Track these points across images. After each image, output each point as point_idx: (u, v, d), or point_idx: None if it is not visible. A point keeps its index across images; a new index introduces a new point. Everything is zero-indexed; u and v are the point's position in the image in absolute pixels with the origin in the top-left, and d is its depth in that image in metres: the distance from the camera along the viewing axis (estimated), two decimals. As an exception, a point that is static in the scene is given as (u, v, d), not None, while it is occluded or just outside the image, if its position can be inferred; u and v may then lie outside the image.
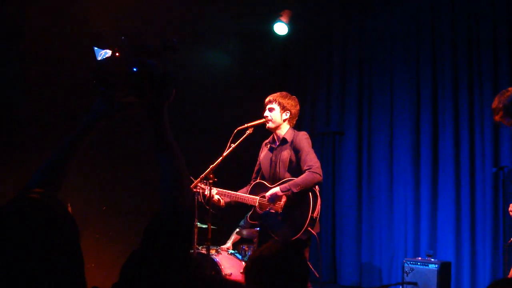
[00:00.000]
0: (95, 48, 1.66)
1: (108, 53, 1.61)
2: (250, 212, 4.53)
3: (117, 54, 1.54)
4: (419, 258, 5.68)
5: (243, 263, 4.89)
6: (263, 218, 4.40)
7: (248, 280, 2.20)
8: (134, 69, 1.50)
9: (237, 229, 5.82)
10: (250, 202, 4.47)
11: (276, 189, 4.25)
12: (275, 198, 4.25)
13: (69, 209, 5.09)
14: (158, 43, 1.57)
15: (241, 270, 4.63)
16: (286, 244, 2.29)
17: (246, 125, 4.42)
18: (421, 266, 5.44)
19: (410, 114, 6.56)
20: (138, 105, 1.60)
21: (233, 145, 4.32)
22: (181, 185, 1.56)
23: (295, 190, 4.17)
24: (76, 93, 5.07)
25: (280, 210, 4.24)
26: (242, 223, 5.88)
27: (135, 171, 6.01)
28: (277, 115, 4.46)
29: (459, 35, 6.20)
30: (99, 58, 1.63)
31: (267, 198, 4.28)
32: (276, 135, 4.55)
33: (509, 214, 4.17)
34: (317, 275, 4.73)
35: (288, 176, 4.36)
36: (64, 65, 5.23)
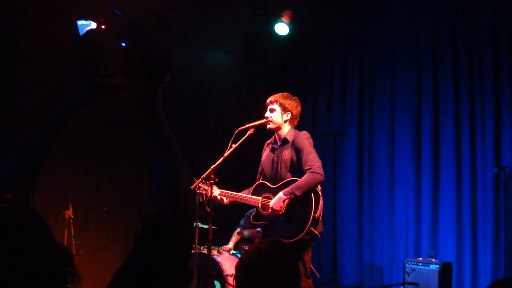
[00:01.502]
0: (78, 22, 1.37)
1: (92, 25, 1.36)
2: (253, 213, 4.53)
3: (102, 26, 1.31)
4: (420, 258, 5.68)
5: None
6: (266, 218, 4.39)
7: (238, 281, 2.17)
8: (123, 44, 1.28)
9: (238, 229, 5.82)
10: (253, 203, 4.46)
11: (279, 195, 4.24)
12: (279, 203, 4.24)
13: (70, 209, 5.02)
14: (152, 18, 1.34)
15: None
16: (273, 245, 2.23)
17: (247, 125, 4.41)
18: (422, 267, 5.44)
19: (411, 115, 6.56)
20: (127, 88, 1.35)
21: (234, 146, 4.31)
22: (178, 185, 1.31)
23: (298, 193, 4.17)
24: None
25: (282, 211, 4.24)
26: (242, 222, 5.88)
27: (136, 171, 6.01)
28: (278, 116, 4.45)
29: (460, 36, 6.20)
30: (82, 33, 1.37)
31: (271, 208, 4.27)
32: (278, 135, 4.54)
33: (510, 214, 4.17)
34: (318, 276, 4.72)
35: (289, 177, 4.36)
36: (64, 65, 5.23)
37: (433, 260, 5.49)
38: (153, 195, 1.30)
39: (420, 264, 5.47)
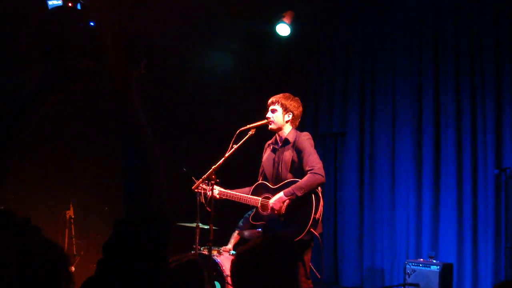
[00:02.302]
0: (49, 2, 1.20)
1: (58, 3, 1.19)
2: (252, 213, 4.52)
3: (69, 4, 1.16)
4: (421, 259, 5.67)
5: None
6: (265, 219, 4.39)
7: (234, 276, 2.16)
8: (92, 24, 1.13)
9: (237, 230, 5.82)
10: (252, 203, 4.46)
11: (280, 195, 4.23)
12: (279, 203, 4.23)
13: (71, 209, 5.02)
14: None
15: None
16: (270, 237, 2.22)
17: (248, 126, 4.41)
18: (423, 268, 5.43)
19: (412, 116, 6.56)
20: (98, 73, 1.17)
21: (235, 146, 4.32)
22: (152, 183, 1.13)
23: (299, 194, 4.17)
24: (77, 94, 5.06)
25: (282, 212, 4.23)
26: (240, 223, 5.88)
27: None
28: (280, 116, 4.45)
29: (462, 36, 6.20)
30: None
31: (270, 208, 4.26)
32: (279, 136, 4.54)
33: (511, 215, 4.16)
34: (319, 276, 4.72)
35: (290, 177, 4.35)
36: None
37: (434, 261, 5.49)
38: (124, 196, 1.13)
39: (420, 265, 5.47)
